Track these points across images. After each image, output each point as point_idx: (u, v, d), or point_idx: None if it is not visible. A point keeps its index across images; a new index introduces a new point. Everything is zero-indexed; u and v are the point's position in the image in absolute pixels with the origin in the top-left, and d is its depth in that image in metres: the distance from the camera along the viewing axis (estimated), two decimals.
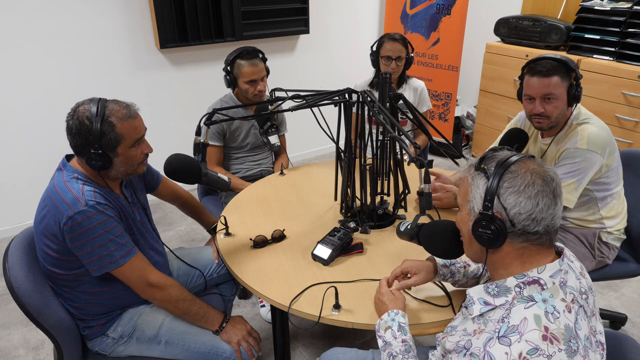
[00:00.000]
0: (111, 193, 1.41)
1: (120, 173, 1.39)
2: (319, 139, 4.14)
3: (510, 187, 0.92)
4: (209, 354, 1.49)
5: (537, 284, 0.92)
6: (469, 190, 1.00)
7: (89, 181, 1.36)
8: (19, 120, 2.87)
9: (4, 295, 2.52)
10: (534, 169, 0.94)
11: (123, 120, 1.32)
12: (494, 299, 0.96)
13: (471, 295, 1.00)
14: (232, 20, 3.27)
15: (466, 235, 1.04)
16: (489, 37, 3.84)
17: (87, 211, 1.28)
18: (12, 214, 3.04)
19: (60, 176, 1.36)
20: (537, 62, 1.66)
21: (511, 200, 0.92)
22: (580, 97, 1.67)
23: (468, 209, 1.00)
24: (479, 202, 0.96)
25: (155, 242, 1.60)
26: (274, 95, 1.72)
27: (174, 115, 3.41)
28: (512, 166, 0.94)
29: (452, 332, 1.04)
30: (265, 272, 1.48)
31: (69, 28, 2.85)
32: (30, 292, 1.31)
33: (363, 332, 2.20)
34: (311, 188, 2.05)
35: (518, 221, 0.92)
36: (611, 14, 3.03)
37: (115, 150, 1.33)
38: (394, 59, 2.40)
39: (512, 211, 0.92)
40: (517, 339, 0.85)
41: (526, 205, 0.91)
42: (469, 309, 1.00)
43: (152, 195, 1.78)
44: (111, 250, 1.33)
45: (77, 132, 1.29)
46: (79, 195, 1.29)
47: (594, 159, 1.65)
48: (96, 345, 1.49)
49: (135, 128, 1.36)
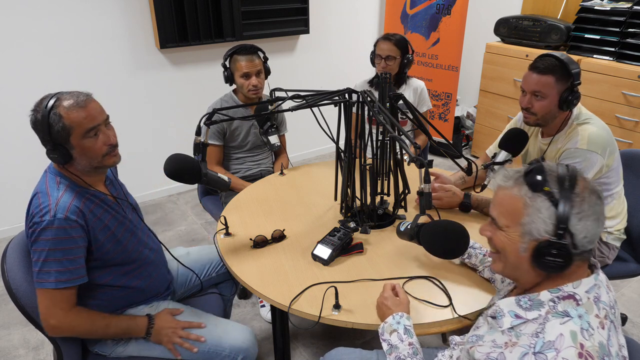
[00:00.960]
0: (94, 193, 1.38)
1: (86, 166, 1.34)
2: (319, 139, 4.14)
3: (579, 213, 0.88)
4: (209, 353, 1.48)
5: (572, 299, 0.90)
6: (520, 212, 0.92)
7: (71, 185, 1.34)
8: (19, 120, 2.87)
9: (4, 295, 2.52)
10: (588, 185, 0.90)
11: (70, 110, 1.27)
12: (526, 312, 0.93)
13: (501, 308, 0.97)
14: (232, 20, 3.27)
15: (512, 257, 0.97)
16: (489, 37, 3.84)
17: (51, 222, 1.25)
18: (12, 214, 3.04)
19: (44, 179, 1.36)
20: (541, 57, 1.66)
21: (580, 227, 0.88)
22: (572, 104, 1.64)
23: (520, 232, 0.93)
24: (542, 227, 0.90)
25: (151, 241, 1.58)
26: (274, 95, 1.72)
27: (174, 115, 3.41)
28: (576, 187, 0.89)
29: (479, 342, 1.01)
30: (265, 272, 1.48)
31: (69, 28, 2.85)
32: (29, 293, 1.31)
33: (363, 332, 2.20)
34: (311, 188, 2.04)
35: (582, 245, 0.88)
36: (611, 14, 3.03)
37: (69, 142, 1.29)
38: (384, 58, 2.41)
39: (580, 236, 0.88)
40: (554, 356, 0.84)
41: (592, 228, 0.88)
42: (498, 321, 0.97)
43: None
44: (50, 269, 1.27)
45: (34, 127, 1.29)
46: (52, 206, 1.27)
47: (594, 159, 1.65)
48: (96, 346, 1.48)
49: (86, 117, 1.28)
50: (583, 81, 1.66)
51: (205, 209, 2.47)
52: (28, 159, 2.95)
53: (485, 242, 1.49)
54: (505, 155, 1.73)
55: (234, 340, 1.50)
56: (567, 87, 1.63)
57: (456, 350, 1.19)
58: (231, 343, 1.49)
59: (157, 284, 1.58)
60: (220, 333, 1.51)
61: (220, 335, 1.50)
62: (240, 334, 1.53)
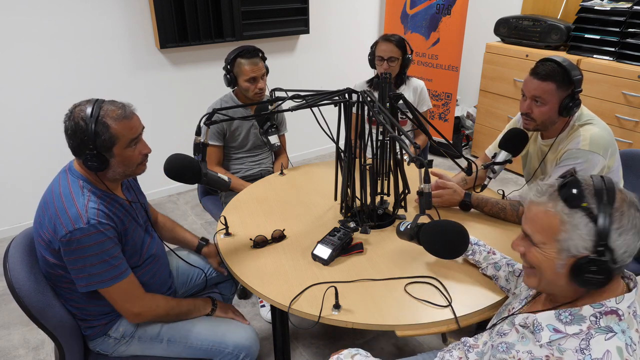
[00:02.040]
0: (114, 198, 1.41)
1: (119, 174, 1.38)
2: (319, 139, 4.14)
3: (619, 228, 0.85)
4: (211, 350, 1.50)
5: (614, 315, 0.89)
6: (557, 228, 0.90)
7: (93, 189, 1.35)
8: (19, 120, 2.87)
9: (4, 295, 2.52)
10: (627, 198, 0.87)
11: (118, 121, 1.31)
12: (566, 326, 0.92)
13: (539, 321, 0.96)
14: (232, 20, 3.27)
15: (549, 274, 0.94)
16: (489, 37, 3.84)
17: (87, 229, 1.27)
18: (12, 214, 3.04)
19: (65, 181, 1.35)
20: (542, 62, 1.64)
21: (620, 242, 0.85)
22: (573, 111, 1.62)
23: (557, 249, 0.91)
24: (581, 244, 0.87)
25: (156, 240, 1.59)
26: (274, 95, 1.72)
27: (174, 115, 3.41)
28: (615, 201, 0.86)
29: (511, 352, 0.99)
30: (265, 272, 1.48)
31: (69, 28, 2.85)
32: (32, 292, 1.31)
33: (363, 332, 2.20)
34: (311, 188, 2.05)
35: (622, 260, 0.87)
36: (611, 14, 3.03)
37: (111, 150, 1.32)
38: (386, 60, 2.41)
39: (620, 251, 0.86)
40: None
41: (632, 243, 0.86)
42: (536, 335, 0.96)
43: (152, 195, 1.77)
44: (102, 270, 1.32)
45: (72, 133, 1.29)
46: (82, 212, 1.28)
47: (595, 160, 1.65)
48: (98, 346, 1.49)
49: (131, 128, 1.34)
50: (583, 81, 1.66)
51: (205, 209, 2.47)
52: (28, 159, 2.95)
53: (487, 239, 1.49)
54: (505, 155, 1.73)
55: (238, 338, 1.52)
56: (568, 94, 1.60)
57: (471, 353, 1.18)
58: (235, 341, 1.51)
59: (160, 281, 1.59)
60: (223, 331, 1.53)
61: (224, 333, 1.52)
62: (243, 332, 1.54)
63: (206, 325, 1.53)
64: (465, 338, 1.23)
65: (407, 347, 2.15)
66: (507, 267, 1.35)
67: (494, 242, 1.60)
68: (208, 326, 1.53)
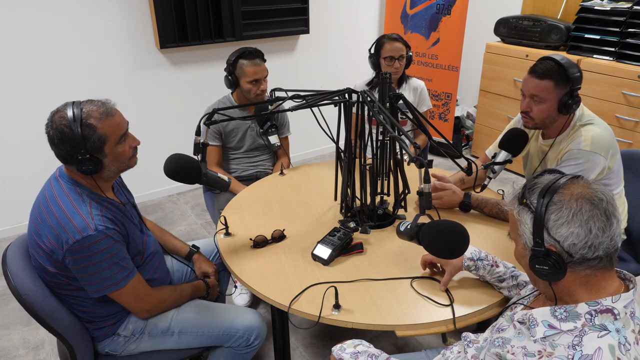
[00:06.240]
0: (110, 202, 1.40)
1: (114, 172, 1.38)
2: (319, 139, 4.14)
3: (558, 220, 0.90)
4: (223, 336, 1.54)
5: (610, 313, 0.90)
6: (516, 225, 0.98)
7: (90, 194, 1.35)
8: (19, 120, 2.87)
9: (4, 295, 2.52)
10: (579, 193, 0.90)
11: (102, 120, 1.29)
12: (561, 323, 0.93)
13: (535, 317, 0.97)
14: (232, 20, 3.27)
15: (526, 269, 1.02)
16: (489, 37, 3.84)
17: (96, 236, 1.27)
18: (12, 214, 3.04)
19: (60, 189, 1.33)
20: (540, 61, 1.65)
21: (563, 232, 0.89)
22: (572, 108, 1.63)
23: (522, 244, 0.98)
24: (530, 237, 0.94)
25: (152, 238, 1.61)
26: (274, 95, 1.72)
27: (174, 115, 3.41)
28: (556, 196, 0.91)
29: (507, 346, 1.00)
30: (265, 272, 1.48)
31: (69, 28, 2.85)
32: (40, 297, 1.29)
33: (363, 332, 2.20)
34: (311, 188, 2.05)
35: (575, 251, 0.89)
36: (611, 14, 3.03)
37: (103, 151, 1.31)
38: (397, 59, 2.40)
39: (566, 243, 0.89)
40: None
41: (579, 234, 0.88)
42: (531, 330, 0.97)
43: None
44: (114, 272, 1.33)
45: (59, 142, 1.27)
46: (88, 220, 1.27)
47: (597, 161, 1.65)
48: (106, 346, 1.49)
49: (117, 125, 1.33)
50: (583, 81, 1.66)
51: (207, 207, 2.48)
52: (28, 159, 2.95)
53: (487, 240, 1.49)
54: (505, 155, 1.73)
55: (247, 321, 1.57)
56: (566, 91, 1.61)
57: (471, 348, 1.18)
58: (244, 324, 1.56)
59: (162, 277, 1.61)
60: (232, 317, 1.57)
61: (233, 318, 1.57)
62: (251, 315, 1.60)
63: (215, 313, 1.56)
64: (466, 333, 1.24)
65: (407, 347, 2.15)
66: (511, 279, 1.35)
67: (494, 242, 1.60)
68: (216, 313, 1.56)
